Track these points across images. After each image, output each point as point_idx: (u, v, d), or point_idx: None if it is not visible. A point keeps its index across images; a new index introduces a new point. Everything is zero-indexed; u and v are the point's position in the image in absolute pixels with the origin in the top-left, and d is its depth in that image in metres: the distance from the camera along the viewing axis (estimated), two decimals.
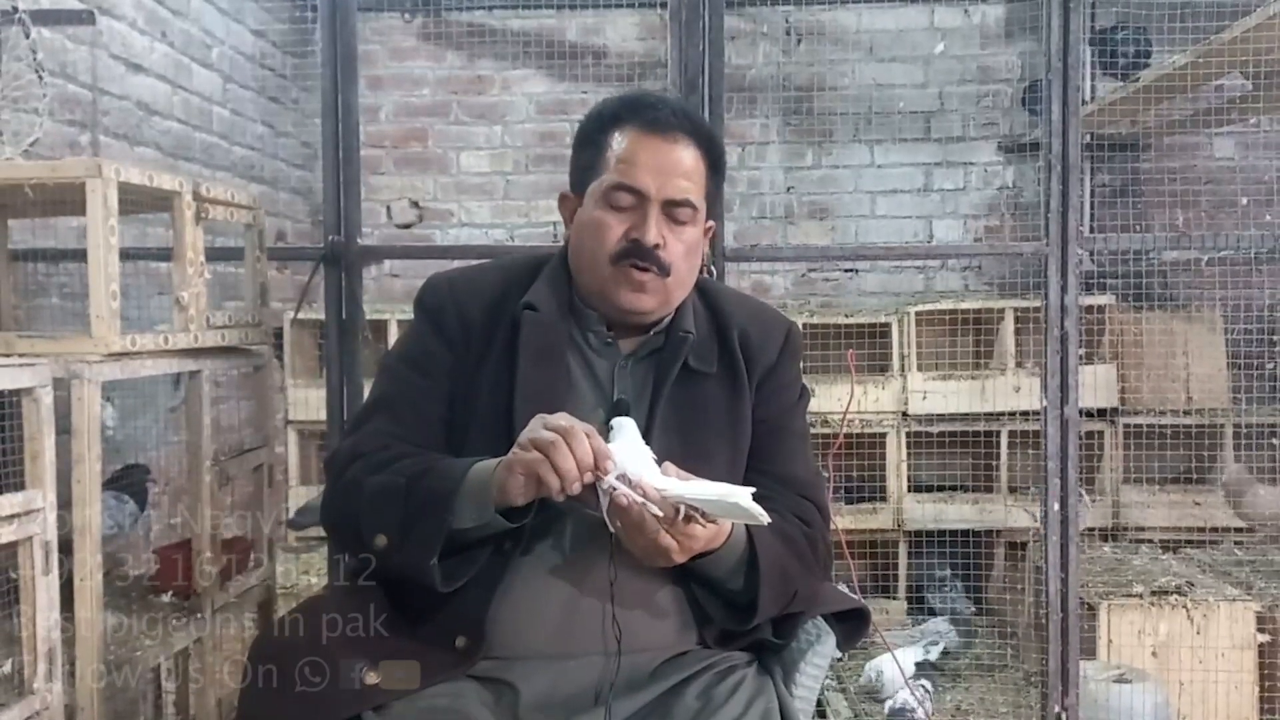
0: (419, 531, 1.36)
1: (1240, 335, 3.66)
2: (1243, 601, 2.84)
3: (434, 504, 1.35)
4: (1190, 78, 2.92)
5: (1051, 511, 2.52)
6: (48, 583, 1.65)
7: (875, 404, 3.74)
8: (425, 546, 1.35)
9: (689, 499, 1.31)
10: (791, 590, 1.47)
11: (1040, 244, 2.51)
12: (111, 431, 2.59)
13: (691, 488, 1.32)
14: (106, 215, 1.83)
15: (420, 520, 1.36)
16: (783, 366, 1.60)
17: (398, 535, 1.38)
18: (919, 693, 2.83)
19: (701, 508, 1.32)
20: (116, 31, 2.92)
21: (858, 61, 4.30)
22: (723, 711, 1.36)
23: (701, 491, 1.32)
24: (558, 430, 1.29)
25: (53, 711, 1.67)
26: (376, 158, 4.32)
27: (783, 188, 4.36)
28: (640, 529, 1.31)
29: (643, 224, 1.46)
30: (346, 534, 1.50)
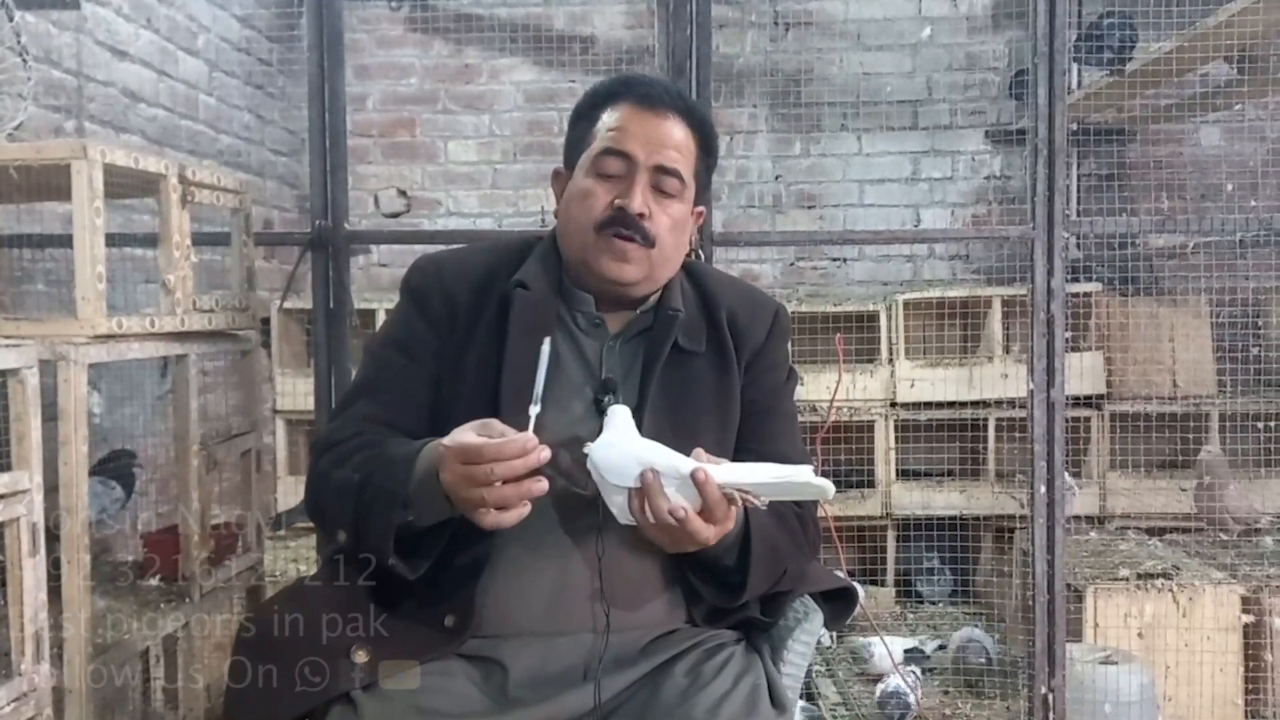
0: (370, 532, 1.36)
1: (1226, 322, 3.68)
2: (1228, 585, 2.86)
3: (382, 504, 1.34)
4: (1176, 63, 2.94)
5: (1038, 495, 2.53)
6: (34, 564, 1.65)
7: (863, 392, 3.75)
8: (379, 545, 1.35)
9: (752, 484, 1.30)
10: (782, 568, 1.47)
11: (1027, 228, 2.52)
12: (98, 419, 2.59)
13: (754, 474, 1.31)
14: (92, 197, 1.82)
15: (371, 519, 1.35)
16: (771, 347, 1.60)
17: (353, 533, 1.39)
18: (909, 678, 2.84)
19: (764, 493, 1.32)
20: (101, 18, 2.90)
21: (845, 50, 4.31)
22: (710, 688, 1.36)
23: (764, 476, 1.31)
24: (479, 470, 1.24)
25: (40, 693, 1.67)
26: (364, 147, 4.31)
27: (771, 176, 4.36)
28: (665, 527, 1.29)
29: (629, 191, 1.46)
30: (320, 524, 1.53)
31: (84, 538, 1.79)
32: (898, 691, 2.78)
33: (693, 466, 1.29)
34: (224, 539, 2.33)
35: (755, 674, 1.43)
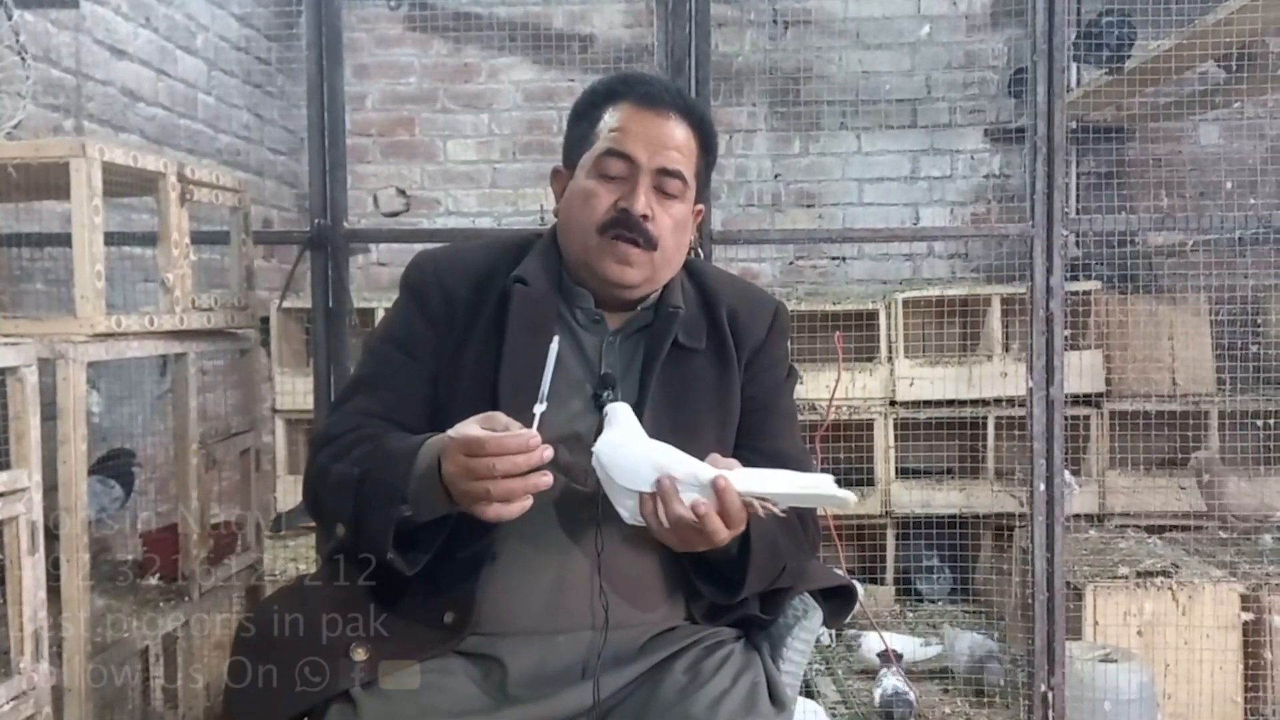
0: (369, 527, 1.35)
1: (1225, 320, 3.68)
2: (1227, 583, 2.86)
3: (381, 499, 1.33)
4: (1175, 61, 2.94)
5: (1037, 492, 2.54)
6: (34, 562, 1.65)
7: (863, 391, 3.75)
8: (378, 540, 1.34)
9: (773, 494, 1.30)
10: (781, 565, 1.47)
11: (1026, 226, 2.52)
12: (98, 418, 2.58)
13: (775, 483, 1.31)
14: (90, 195, 1.82)
15: (370, 513, 1.34)
16: (771, 344, 1.60)
17: (352, 528, 1.38)
18: (900, 676, 2.84)
19: (784, 502, 1.31)
20: (100, 16, 2.90)
21: (845, 49, 4.31)
22: (710, 685, 1.36)
23: (786, 486, 1.31)
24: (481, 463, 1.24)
25: (39, 691, 1.67)
26: (363, 146, 4.31)
27: (770, 175, 4.36)
28: (678, 529, 1.29)
29: (632, 193, 1.46)
30: (319, 519, 1.52)
31: (83, 537, 1.79)
32: (899, 692, 2.78)
33: (712, 474, 1.28)
34: (223, 538, 2.33)
35: (754, 672, 1.43)
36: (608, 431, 1.33)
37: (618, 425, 1.33)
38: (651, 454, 1.30)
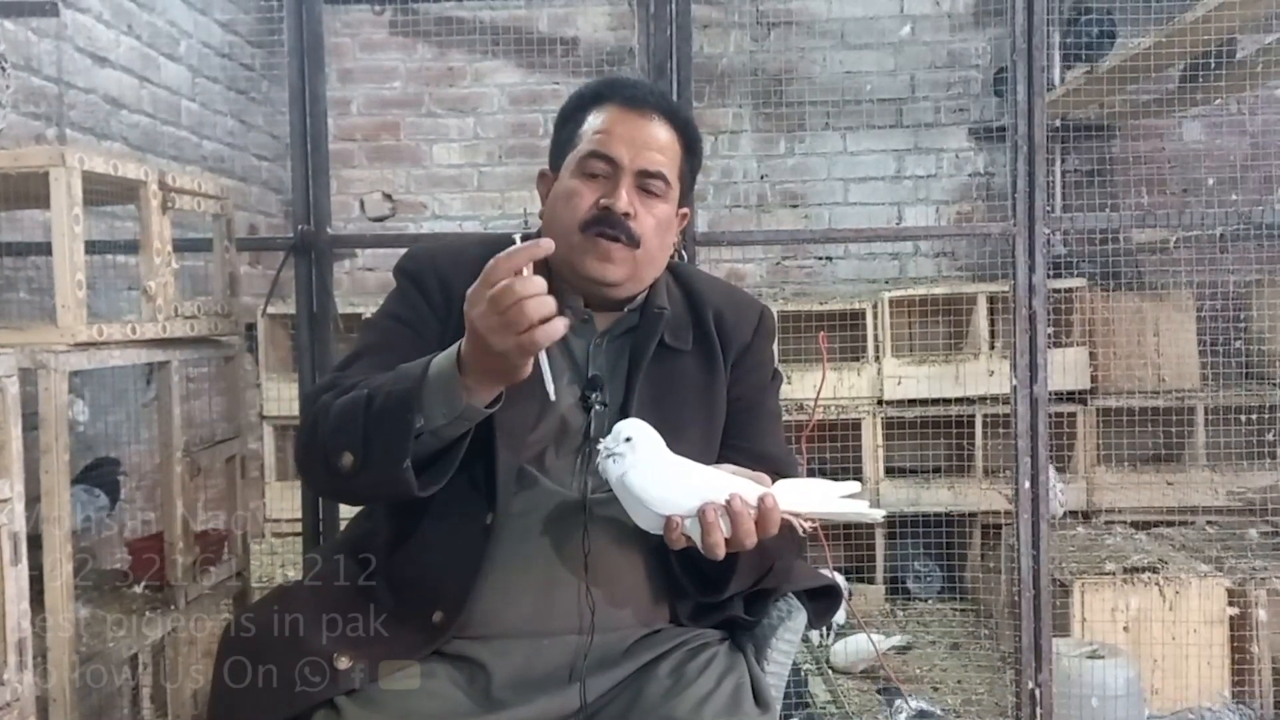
0: (384, 438, 1.29)
1: (1209, 315, 3.70)
2: (1214, 577, 2.87)
3: (397, 405, 1.29)
4: (1155, 59, 2.95)
5: (1022, 490, 2.54)
6: (17, 573, 1.63)
7: (850, 390, 3.76)
8: (393, 452, 1.28)
9: (815, 514, 1.36)
10: (767, 564, 1.47)
11: (1008, 224, 2.53)
12: (83, 427, 2.58)
13: (818, 502, 1.36)
14: (70, 204, 1.82)
15: (384, 424, 1.29)
16: (757, 346, 1.61)
17: (362, 448, 1.31)
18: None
19: (820, 519, 1.38)
20: (81, 24, 2.89)
21: (828, 49, 4.32)
22: (694, 688, 1.36)
23: (827, 506, 1.36)
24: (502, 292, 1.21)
25: (24, 703, 1.66)
26: (348, 151, 4.31)
27: (755, 176, 4.37)
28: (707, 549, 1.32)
29: (614, 192, 1.47)
30: (316, 466, 1.40)
31: (67, 546, 1.78)
32: (923, 711, 2.76)
33: (760, 492, 1.31)
34: (210, 545, 2.32)
35: (739, 673, 1.43)
36: (631, 454, 1.31)
37: (644, 448, 1.32)
38: (686, 477, 1.32)
